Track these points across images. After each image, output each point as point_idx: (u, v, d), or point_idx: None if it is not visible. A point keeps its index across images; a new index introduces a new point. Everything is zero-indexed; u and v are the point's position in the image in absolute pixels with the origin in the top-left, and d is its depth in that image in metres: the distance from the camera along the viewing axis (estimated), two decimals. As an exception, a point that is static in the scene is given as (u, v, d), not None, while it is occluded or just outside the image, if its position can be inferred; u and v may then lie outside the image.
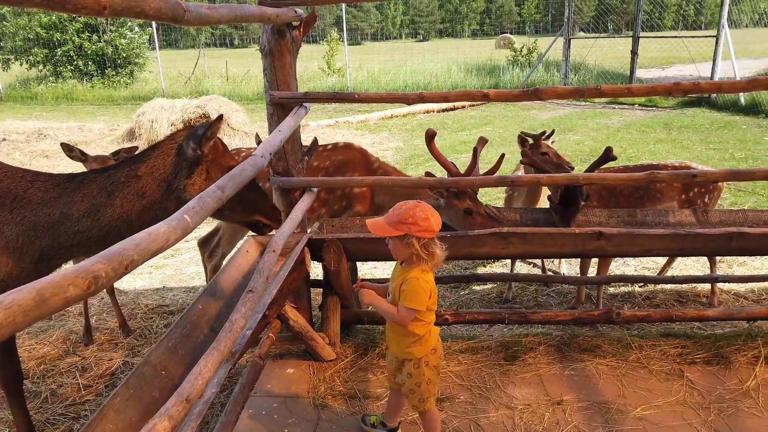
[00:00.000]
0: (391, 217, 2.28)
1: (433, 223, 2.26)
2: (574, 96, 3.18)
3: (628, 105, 14.21)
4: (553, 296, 4.59)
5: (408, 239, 2.26)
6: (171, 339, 2.32)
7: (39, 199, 2.27)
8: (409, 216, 2.23)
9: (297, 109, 3.19)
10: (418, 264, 2.30)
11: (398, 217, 2.25)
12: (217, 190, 1.74)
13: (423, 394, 2.45)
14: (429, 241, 2.28)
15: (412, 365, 2.42)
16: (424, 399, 2.46)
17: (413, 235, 2.24)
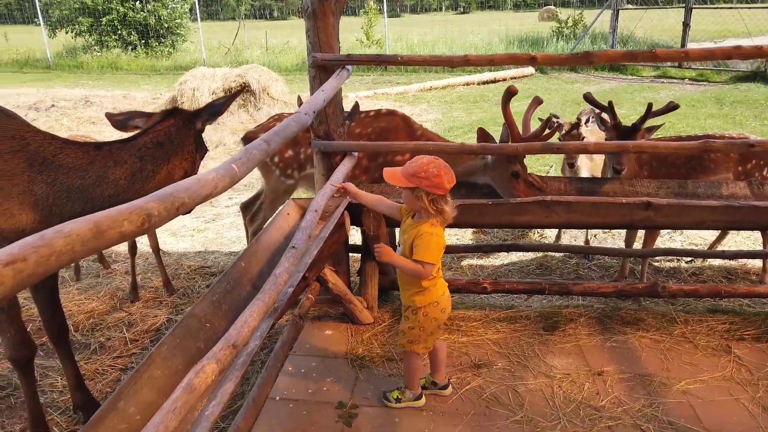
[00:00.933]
0: (406, 168, 2.34)
1: (445, 181, 2.30)
2: (627, 60, 3.05)
3: (677, 79, 13.66)
4: (595, 269, 4.50)
5: (418, 192, 2.32)
6: (215, 294, 2.36)
7: (71, 163, 2.36)
8: (422, 170, 2.28)
9: (339, 72, 3.16)
10: (427, 218, 2.36)
11: (413, 170, 2.30)
12: (263, 143, 1.74)
13: (412, 336, 2.55)
14: (438, 197, 2.32)
15: (411, 311, 2.54)
16: (412, 341, 2.57)
17: (423, 189, 2.30)
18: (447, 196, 2.36)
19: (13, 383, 3.09)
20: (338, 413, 2.66)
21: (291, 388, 2.84)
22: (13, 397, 3.02)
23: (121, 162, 2.44)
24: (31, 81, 16.15)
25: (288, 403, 2.73)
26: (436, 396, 2.80)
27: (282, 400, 2.75)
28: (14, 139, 2.27)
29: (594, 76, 14.62)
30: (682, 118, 9.44)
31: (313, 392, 2.81)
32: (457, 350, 3.19)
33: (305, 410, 2.68)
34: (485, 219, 3.44)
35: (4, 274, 0.79)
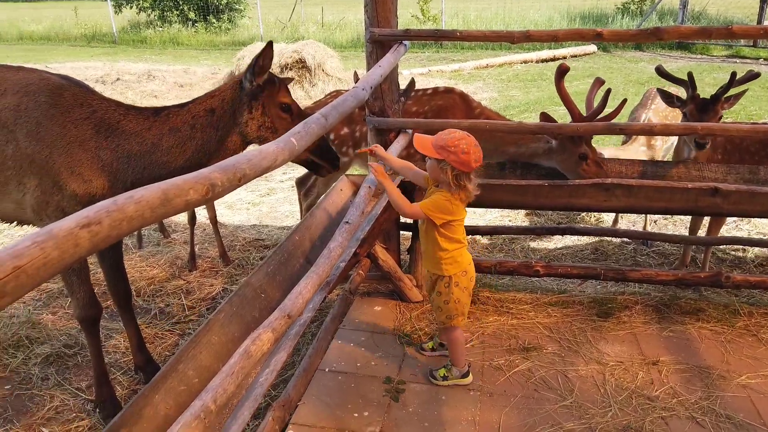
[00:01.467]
0: (437, 139, 2.35)
1: (473, 160, 2.32)
2: (700, 36, 2.90)
3: (751, 59, 12.87)
4: (653, 257, 4.35)
5: (444, 165, 2.34)
6: (270, 265, 2.42)
7: (132, 130, 2.45)
8: (452, 144, 2.30)
9: (396, 47, 3.13)
10: (448, 190, 2.40)
11: (443, 142, 2.32)
12: (321, 117, 1.75)
13: (450, 311, 2.57)
14: (462, 173, 2.34)
15: (443, 284, 2.55)
16: (451, 316, 2.59)
17: (450, 163, 2.32)
18: (471, 174, 2.38)
19: (80, 342, 3.28)
20: (386, 388, 2.69)
21: (340, 361, 2.89)
22: (80, 355, 3.21)
23: (175, 129, 2.47)
24: (99, 55, 16.78)
25: (337, 375, 2.78)
26: (485, 376, 2.79)
27: (331, 372, 2.80)
28: (83, 106, 2.38)
29: (661, 55, 13.96)
30: (755, 100, 8.91)
31: (361, 366, 2.86)
32: (506, 333, 3.16)
33: (353, 383, 2.73)
34: (540, 200, 3.36)
35: (80, 235, 0.83)
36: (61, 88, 2.40)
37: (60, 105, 2.35)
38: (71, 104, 2.37)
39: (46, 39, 20.81)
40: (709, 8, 16.10)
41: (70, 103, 2.38)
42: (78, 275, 2.57)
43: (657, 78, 11.78)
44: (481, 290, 3.57)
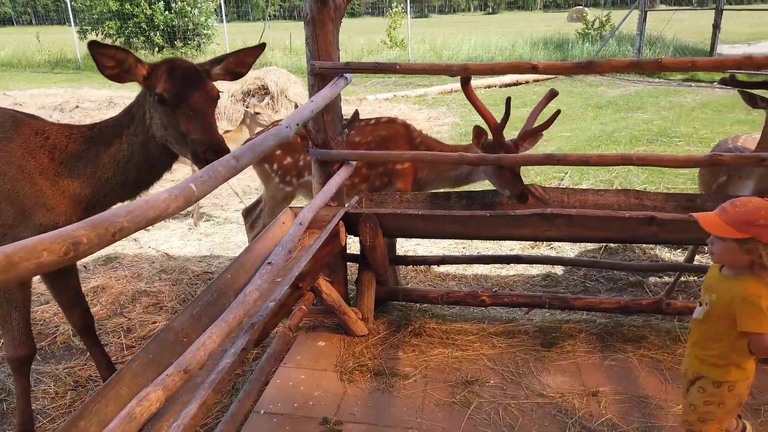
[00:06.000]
0: (731, 214, 1.89)
1: None
2: (631, 69, 2.95)
3: (706, 82, 13.27)
4: (602, 282, 4.37)
5: (753, 245, 1.88)
6: (196, 306, 2.35)
7: (77, 151, 2.43)
8: (760, 216, 1.85)
9: (336, 80, 3.13)
10: (752, 276, 1.93)
11: (744, 217, 1.87)
12: (231, 159, 1.71)
13: (705, 413, 2.09)
14: None
15: (711, 383, 2.07)
16: (704, 419, 2.10)
17: (761, 240, 1.86)
18: None
19: (7, 388, 3.14)
20: (321, 429, 2.62)
21: (277, 402, 2.81)
22: (6, 402, 3.06)
23: (106, 142, 2.42)
24: (62, 81, 16.53)
25: (272, 417, 2.70)
26: (425, 413, 2.74)
27: (266, 414, 2.72)
28: (38, 135, 2.39)
29: (620, 80, 14.32)
30: (707, 124, 9.17)
31: (299, 406, 2.79)
32: (450, 366, 3.13)
33: (288, 426, 2.65)
34: (483, 231, 3.36)
35: None
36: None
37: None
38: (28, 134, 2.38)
39: (9, 65, 20.45)
40: (666, 33, 16.64)
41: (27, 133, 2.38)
42: (20, 311, 2.48)
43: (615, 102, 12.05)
44: (428, 321, 3.54)
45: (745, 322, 1.90)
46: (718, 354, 2.03)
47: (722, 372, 2.04)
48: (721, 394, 2.05)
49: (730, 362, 2.02)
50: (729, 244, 1.92)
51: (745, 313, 1.90)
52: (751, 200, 1.92)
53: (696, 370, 2.12)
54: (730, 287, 1.96)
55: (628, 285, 4.31)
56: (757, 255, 1.88)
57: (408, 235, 3.94)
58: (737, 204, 1.91)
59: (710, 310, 2.04)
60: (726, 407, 2.08)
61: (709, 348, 2.06)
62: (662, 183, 6.38)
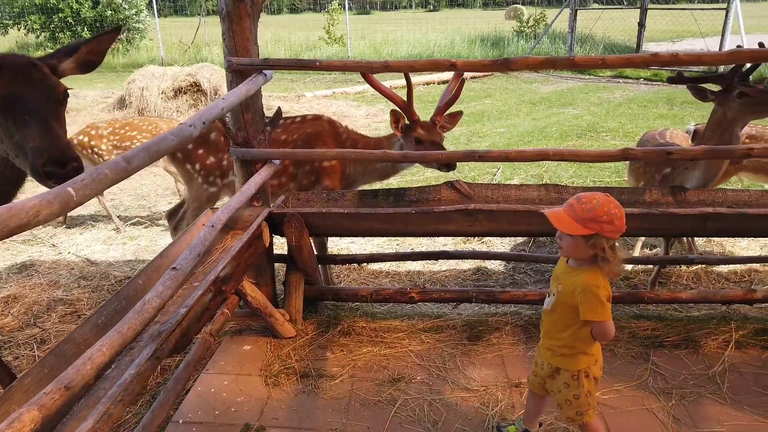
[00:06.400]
0: (578, 212, 1.97)
1: (624, 222, 1.98)
2: (545, 67, 3.02)
3: (632, 79, 13.85)
4: (531, 274, 4.48)
5: (596, 240, 1.97)
6: (101, 316, 2.24)
7: None
8: (603, 213, 1.94)
9: (254, 77, 3.05)
10: (593, 267, 2.03)
11: (588, 214, 1.95)
12: (122, 161, 1.62)
13: (582, 406, 2.19)
14: (614, 242, 2.01)
15: (570, 376, 2.17)
16: (582, 412, 2.20)
17: (604, 235, 1.96)
18: None
19: None
20: (243, 436, 2.56)
21: (197, 410, 2.73)
22: None
23: None
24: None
25: (191, 426, 2.62)
26: (350, 413, 2.72)
27: (185, 423, 2.64)
28: None
29: (553, 76, 14.73)
30: (633, 118, 9.56)
31: (220, 413, 2.71)
32: (377, 363, 3.12)
33: (208, 433, 2.57)
34: (410, 228, 3.37)
35: None
36: None
37: None
38: None
39: None
40: (596, 31, 17.23)
41: None
42: None
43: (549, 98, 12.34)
44: (358, 320, 3.52)
45: (586, 311, 2.00)
46: (565, 343, 2.14)
47: (573, 361, 2.15)
48: (583, 384, 2.17)
49: (577, 350, 2.14)
50: (576, 240, 2.00)
51: (586, 303, 2.00)
52: (595, 196, 1.99)
53: (549, 361, 2.21)
54: (573, 278, 2.06)
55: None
56: (600, 249, 1.97)
57: (335, 234, 3.90)
58: (583, 201, 1.98)
59: (557, 301, 2.13)
60: (592, 394, 2.21)
61: (557, 337, 2.16)
62: (589, 177, 6.59)
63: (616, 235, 1.98)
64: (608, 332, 2.03)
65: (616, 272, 2.03)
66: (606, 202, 1.96)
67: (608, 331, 2.03)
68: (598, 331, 2.05)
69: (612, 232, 1.96)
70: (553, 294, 2.15)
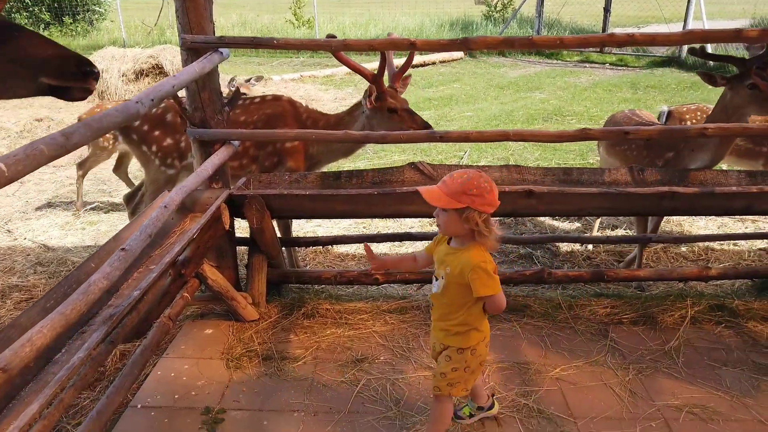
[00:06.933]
0: (449, 186, 2.02)
1: (496, 196, 2.04)
2: (504, 47, 3.02)
3: (599, 64, 14.02)
4: (495, 255, 4.51)
5: (468, 213, 2.01)
6: (50, 299, 2.17)
7: None
8: (473, 186, 1.99)
9: (208, 55, 2.97)
10: (474, 244, 2.06)
11: (461, 187, 1.99)
12: (60, 136, 1.55)
13: (454, 378, 2.21)
14: (488, 217, 2.05)
15: (454, 350, 2.20)
16: (452, 383, 2.23)
17: (476, 208, 2.00)
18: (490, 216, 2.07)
19: None
20: (203, 419, 2.53)
21: (156, 395, 2.68)
22: None
23: None
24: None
25: (150, 411, 2.57)
26: (312, 394, 2.71)
27: (143, 408, 2.59)
28: None
29: (521, 61, 14.81)
30: (598, 102, 9.69)
31: (180, 397, 2.67)
32: (341, 345, 3.11)
33: (167, 418, 2.53)
34: (372, 209, 3.36)
35: None
36: None
37: None
38: None
39: None
40: (563, 16, 17.36)
41: None
42: None
43: (516, 83, 12.41)
44: (322, 303, 3.50)
45: (479, 288, 2.04)
46: (459, 322, 2.16)
47: (465, 339, 2.18)
48: (465, 359, 2.20)
49: (471, 327, 2.17)
50: (451, 215, 2.04)
51: (477, 280, 2.03)
52: (466, 172, 2.05)
53: (442, 341, 2.24)
54: (460, 258, 2.08)
55: (518, 257, 4.48)
56: (473, 222, 2.01)
57: (297, 216, 3.86)
58: (455, 176, 2.03)
59: (447, 283, 2.14)
60: (471, 369, 2.24)
61: (450, 319, 2.18)
62: (554, 159, 6.67)
63: (488, 209, 2.03)
64: (501, 304, 2.09)
65: (494, 246, 2.08)
66: (476, 177, 2.02)
67: (500, 303, 2.08)
68: (491, 305, 2.10)
69: (483, 205, 2.01)
70: (442, 277, 2.16)
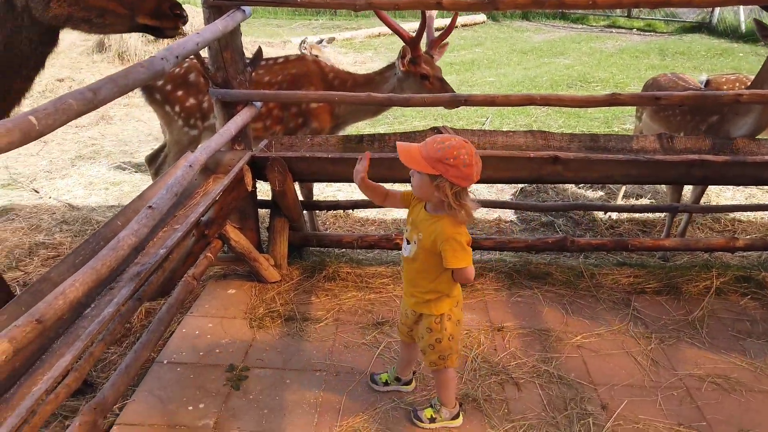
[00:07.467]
0: (429, 149, 1.91)
1: (474, 172, 1.91)
2: (533, 7, 2.92)
3: (626, 29, 13.62)
4: (517, 223, 4.48)
5: (440, 182, 1.91)
6: (78, 256, 2.20)
7: None
8: (450, 155, 1.87)
9: (231, 13, 2.92)
10: (448, 215, 1.98)
11: (438, 154, 1.88)
12: (88, 92, 1.54)
13: (444, 350, 2.19)
14: (462, 190, 1.94)
15: (433, 321, 2.15)
16: (445, 356, 2.20)
17: (448, 179, 1.90)
18: (467, 189, 1.97)
19: None
20: (227, 376, 2.57)
21: (181, 351, 2.73)
22: None
23: None
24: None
25: (176, 366, 2.63)
26: (334, 355, 2.74)
27: (170, 363, 2.64)
28: None
29: (546, 25, 14.45)
30: (624, 69, 9.44)
31: (204, 354, 2.72)
32: (362, 308, 3.13)
33: (193, 374, 2.58)
34: (394, 174, 3.32)
35: None
36: None
37: None
38: None
39: None
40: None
41: None
42: None
43: (540, 47, 12.14)
44: (343, 266, 3.51)
45: (450, 260, 1.97)
46: (429, 289, 2.11)
47: (437, 306, 2.14)
48: (445, 327, 2.16)
49: (441, 294, 2.13)
50: (423, 178, 1.95)
51: (450, 251, 1.97)
52: (452, 139, 1.93)
53: (414, 308, 2.19)
54: (433, 227, 2.01)
55: (540, 225, 4.44)
56: (443, 193, 1.92)
57: (318, 179, 3.85)
58: (437, 140, 1.92)
59: (418, 249, 2.08)
60: (454, 337, 2.20)
61: (420, 285, 2.13)
62: (578, 127, 6.54)
63: (462, 182, 1.92)
64: (469, 276, 2.03)
65: (465, 221, 1.98)
66: (458, 147, 1.89)
67: (469, 275, 2.03)
68: (459, 276, 2.05)
69: (456, 177, 1.89)
70: (414, 242, 2.10)
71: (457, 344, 2.23)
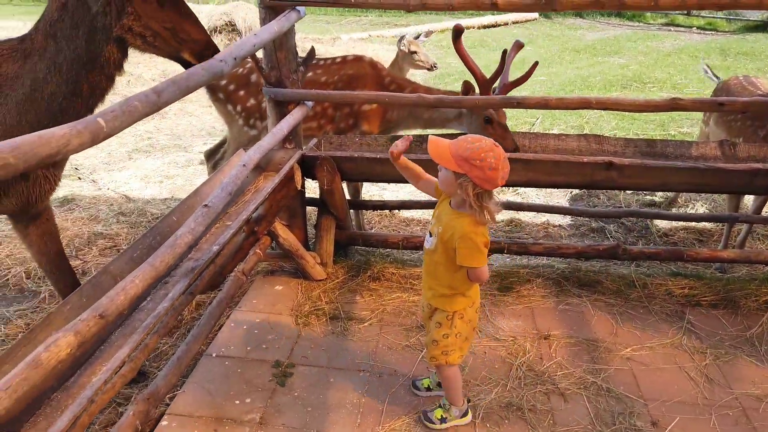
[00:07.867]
0: (458, 147, 1.93)
1: (499, 177, 1.92)
2: (594, 7, 2.85)
3: (684, 28, 13.13)
4: (565, 228, 4.39)
5: (464, 180, 1.94)
6: (136, 250, 2.28)
7: (11, 72, 2.09)
8: (477, 157, 1.89)
9: (287, 13, 2.96)
10: (469, 214, 1.99)
11: (466, 153, 1.90)
12: (152, 94, 1.60)
13: (447, 345, 2.19)
14: (485, 192, 1.95)
15: (444, 316, 2.18)
16: (447, 351, 2.20)
17: (472, 179, 1.92)
18: (493, 193, 1.98)
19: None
20: (273, 372, 2.62)
21: (230, 345, 2.80)
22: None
23: (41, 50, 2.06)
24: (21, 14, 15.67)
25: (224, 360, 2.69)
26: (378, 356, 2.75)
27: (218, 357, 2.71)
28: None
29: (600, 23, 14.08)
30: (683, 69, 9.10)
31: (251, 349, 2.78)
32: (406, 310, 3.13)
33: (240, 368, 2.64)
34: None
35: None
36: None
37: None
38: None
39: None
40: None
41: None
42: None
43: (593, 46, 11.83)
44: (388, 266, 3.52)
45: (463, 258, 2.00)
46: (446, 284, 2.13)
47: (451, 302, 2.15)
48: (455, 325, 2.17)
49: (457, 291, 2.13)
50: (448, 175, 1.98)
51: (464, 248, 1.99)
52: (482, 140, 1.94)
53: (430, 302, 2.21)
54: (453, 222, 2.03)
55: (590, 231, 4.34)
56: (465, 193, 1.94)
57: (366, 179, 3.86)
58: (469, 140, 1.94)
59: (438, 242, 2.09)
60: (462, 336, 2.21)
61: (438, 278, 2.14)
62: (632, 129, 6.35)
63: (485, 185, 1.93)
64: (483, 277, 2.06)
65: (484, 222, 1.99)
66: (486, 149, 1.90)
67: (483, 276, 2.05)
68: (472, 275, 2.07)
69: (480, 179, 1.91)
70: (435, 235, 2.11)
71: (464, 344, 2.24)
